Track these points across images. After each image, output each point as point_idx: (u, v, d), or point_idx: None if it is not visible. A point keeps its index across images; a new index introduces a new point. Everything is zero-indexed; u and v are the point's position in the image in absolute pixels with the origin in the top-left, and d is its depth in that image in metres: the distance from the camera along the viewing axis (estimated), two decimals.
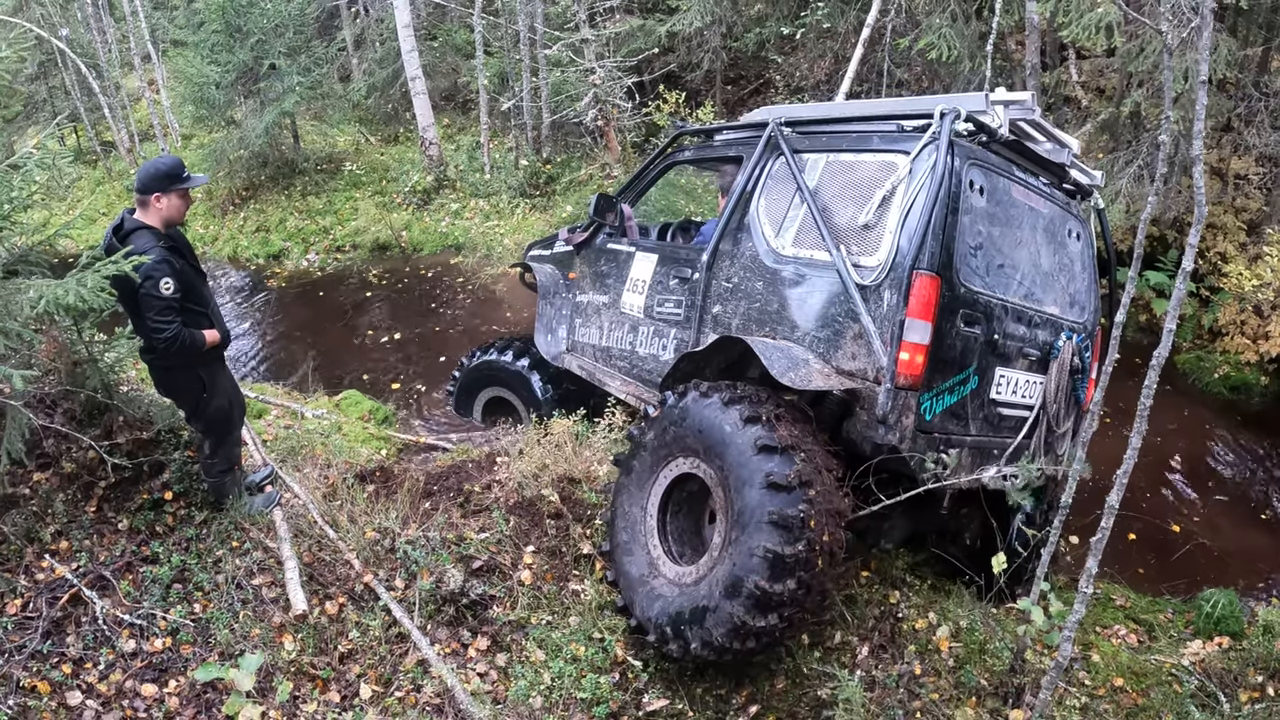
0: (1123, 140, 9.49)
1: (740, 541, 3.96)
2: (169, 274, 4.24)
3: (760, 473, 3.97)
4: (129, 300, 4.30)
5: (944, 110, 4.25)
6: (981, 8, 10.51)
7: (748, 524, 3.94)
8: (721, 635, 3.95)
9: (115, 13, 20.47)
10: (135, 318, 4.39)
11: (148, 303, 4.22)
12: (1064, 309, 4.96)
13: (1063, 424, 4.91)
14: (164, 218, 4.41)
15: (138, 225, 4.33)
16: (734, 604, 3.91)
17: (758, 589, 3.85)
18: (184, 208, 4.51)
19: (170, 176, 4.38)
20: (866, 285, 4.23)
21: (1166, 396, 8.42)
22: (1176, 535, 6.79)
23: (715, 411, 4.27)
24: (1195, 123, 3.23)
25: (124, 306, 4.36)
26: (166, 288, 4.22)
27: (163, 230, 4.39)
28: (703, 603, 4.05)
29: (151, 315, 4.23)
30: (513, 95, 13.90)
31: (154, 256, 4.20)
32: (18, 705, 3.65)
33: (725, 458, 4.14)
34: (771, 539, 3.85)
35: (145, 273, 4.16)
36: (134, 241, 4.24)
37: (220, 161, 14.49)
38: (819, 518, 3.93)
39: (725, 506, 4.15)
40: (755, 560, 3.87)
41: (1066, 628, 3.71)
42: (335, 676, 4.16)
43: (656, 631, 4.25)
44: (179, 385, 4.60)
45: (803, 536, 3.86)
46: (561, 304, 6.24)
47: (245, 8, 13.78)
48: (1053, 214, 4.89)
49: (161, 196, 4.36)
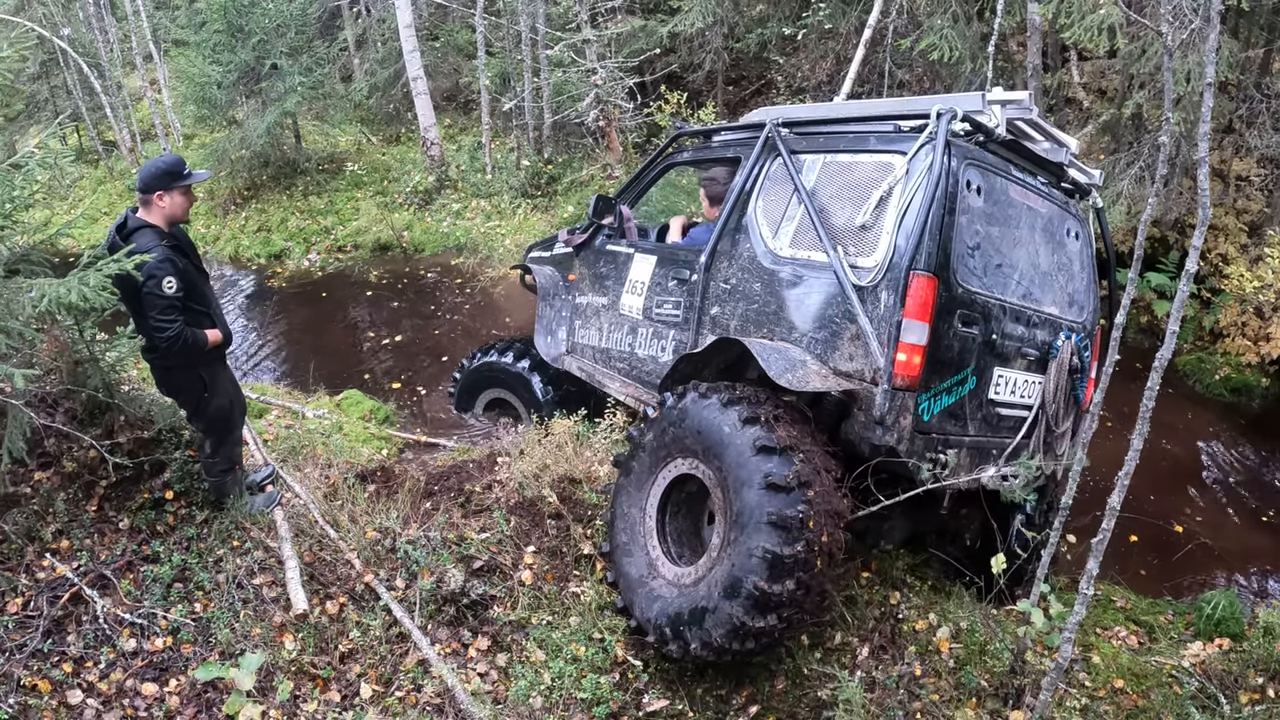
0: (1124, 142, 9.49)
1: (739, 542, 3.95)
2: (171, 273, 4.25)
3: (759, 473, 3.96)
4: (131, 299, 4.31)
5: (940, 110, 4.26)
6: (983, 9, 10.51)
7: (746, 524, 3.93)
8: (720, 636, 3.95)
9: (117, 12, 20.49)
10: (137, 317, 4.40)
11: (150, 301, 4.22)
12: (1063, 308, 4.95)
13: (1062, 424, 4.90)
14: (167, 216, 4.41)
15: (141, 224, 4.34)
16: (733, 605, 3.91)
17: (756, 589, 3.84)
18: (187, 205, 4.52)
19: (172, 174, 4.39)
20: (864, 286, 4.23)
21: (1168, 398, 8.42)
22: (1179, 536, 6.79)
23: (714, 412, 4.27)
24: (1201, 125, 3.22)
25: (126, 305, 4.37)
26: (169, 287, 4.23)
27: (166, 229, 4.40)
28: (701, 603, 4.05)
29: (154, 314, 4.25)
30: (514, 95, 13.90)
31: (157, 255, 4.21)
32: (18, 704, 3.66)
33: (724, 458, 4.13)
34: (770, 540, 3.85)
35: (148, 272, 4.17)
36: (137, 240, 4.25)
37: (222, 161, 14.48)
38: (818, 518, 3.92)
39: (724, 507, 4.15)
40: (754, 561, 3.86)
41: (1067, 629, 3.71)
42: (336, 676, 4.17)
43: (656, 632, 4.25)
44: (180, 384, 4.60)
45: (801, 537, 3.86)
46: (561, 306, 6.24)
47: (247, 8, 13.77)
48: (1051, 213, 4.88)
49: (164, 195, 4.38)
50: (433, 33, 17.82)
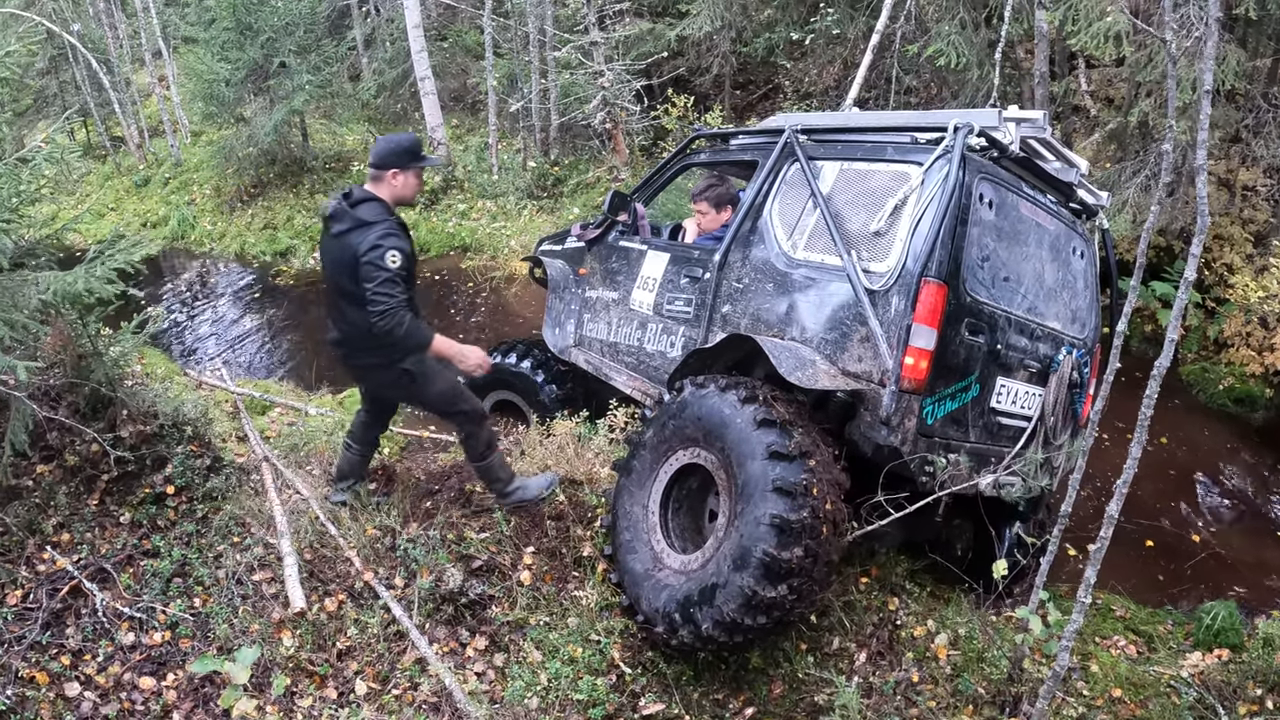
0: (1130, 150, 9.47)
1: (745, 514, 4.02)
2: (396, 248, 4.06)
3: (761, 445, 4.06)
4: (347, 273, 4.13)
5: (958, 124, 4.36)
6: (991, 16, 10.49)
7: (752, 494, 4.01)
8: (733, 610, 3.96)
9: (127, 8, 20.60)
10: (347, 297, 4.21)
11: (368, 273, 4.01)
12: (1065, 324, 5.04)
13: (1059, 436, 4.97)
14: (396, 195, 4.30)
15: (369, 195, 4.22)
16: (744, 575, 3.94)
17: (767, 556, 3.88)
18: (417, 188, 4.41)
19: (411, 153, 4.28)
20: (875, 290, 4.33)
21: (1173, 410, 8.42)
22: (1195, 545, 6.77)
23: (713, 398, 4.39)
24: (1199, 133, 3.23)
25: (340, 280, 4.21)
26: (393, 260, 4.03)
27: (391, 206, 4.29)
28: (711, 581, 4.08)
29: (372, 286, 4.01)
30: (521, 97, 13.93)
31: (384, 228, 4.07)
32: (16, 695, 3.67)
33: (726, 438, 4.23)
34: (777, 505, 3.92)
35: (372, 243, 4.01)
36: (363, 211, 4.14)
37: (229, 158, 14.55)
38: (821, 485, 4.02)
39: (728, 486, 4.22)
40: (762, 529, 3.92)
41: (1065, 637, 3.70)
42: (333, 673, 4.17)
43: (665, 621, 4.25)
44: (384, 381, 4.47)
45: (807, 504, 3.94)
46: (571, 299, 6.30)
47: (256, 5, 13.83)
48: (1058, 231, 4.98)
49: (399, 173, 4.25)
50: (441, 33, 17.86)
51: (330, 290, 4.40)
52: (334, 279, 4.27)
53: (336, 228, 4.20)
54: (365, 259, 4.03)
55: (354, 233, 4.13)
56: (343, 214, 4.16)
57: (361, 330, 4.22)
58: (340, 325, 4.41)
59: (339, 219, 4.14)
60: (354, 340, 4.38)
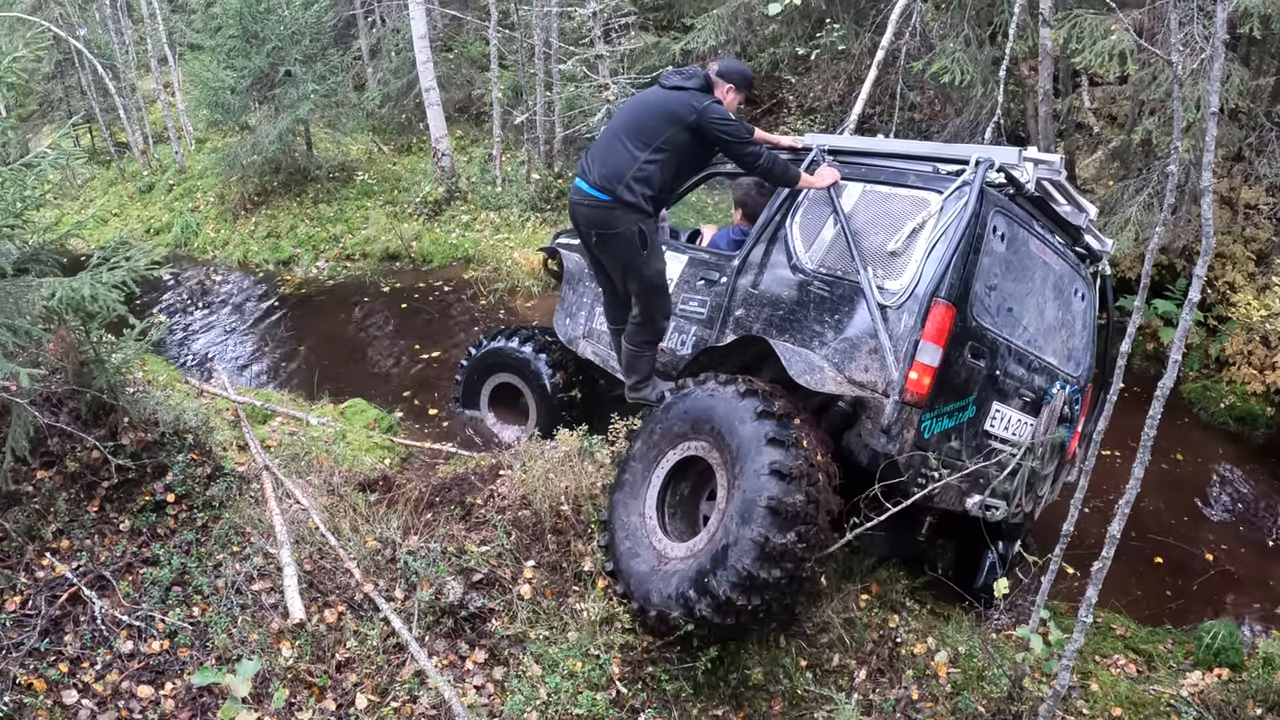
0: (1134, 168, 9.49)
1: (744, 472, 4.22)
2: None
3: (749, 410, 4.37)
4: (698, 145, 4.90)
5: (980, 159, 4.64)
6: (995, 33, 10.53)
7: (748, 453, 4.24)
8: (748, 563, 4.06)
9: (133, 14, 20.65)
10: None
11: (727, 135, 4.79)
12: (1061, 360, 5.22)
13: (1046, 467, 5.21)
14: (723, 103, 4.93)
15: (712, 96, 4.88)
16: (753, 527, 4.07)
17: (771, 500, 4.05)
18: (734, 108, 5.06)
19: (746, 80, 5.18)
20: (888, 306, 4.54)
21: (1177, 428, 8.41)
22: (1206, 563, 6.75)
23: (697, 392, 4.72)
24: (1205, 154, 3.25)
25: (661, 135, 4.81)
26: (747, 130, 4.90)
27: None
28: (721, 544, 4.19)
29: (740, 148, 4.82)
30: (526, 109, 13.94)
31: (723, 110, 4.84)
32: (14, 702, 3.66)
33: (714, 418, 4.50)
34: (773, 455, 4.17)
35: (721, 112, 4.77)
36: (708, 98, 4.82)
37: (233, 166, 14.53)
38: (809, 439, 4.32)
39: (722, 460, 4.44)
40: (763, 479, 4.12)
41: (1065, 656, 3.70)
42: (332, 685, 4.16)
43: (680, 603, 4.30)
44: (619, 242, 4.93)
45: (800, 454, 4.22)
46: (584, 291, 6.43)
47: (263, 14, 13.85)
48: (1063, 271, 5.20)
49: (732, 90, 5.02)
50: (446, 44, 17.91)
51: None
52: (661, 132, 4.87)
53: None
54: (719, 129, 4.81)
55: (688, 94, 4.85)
56: (680, 91, 4.84)
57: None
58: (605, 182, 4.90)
59: (678, 103, 4.79)
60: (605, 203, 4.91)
